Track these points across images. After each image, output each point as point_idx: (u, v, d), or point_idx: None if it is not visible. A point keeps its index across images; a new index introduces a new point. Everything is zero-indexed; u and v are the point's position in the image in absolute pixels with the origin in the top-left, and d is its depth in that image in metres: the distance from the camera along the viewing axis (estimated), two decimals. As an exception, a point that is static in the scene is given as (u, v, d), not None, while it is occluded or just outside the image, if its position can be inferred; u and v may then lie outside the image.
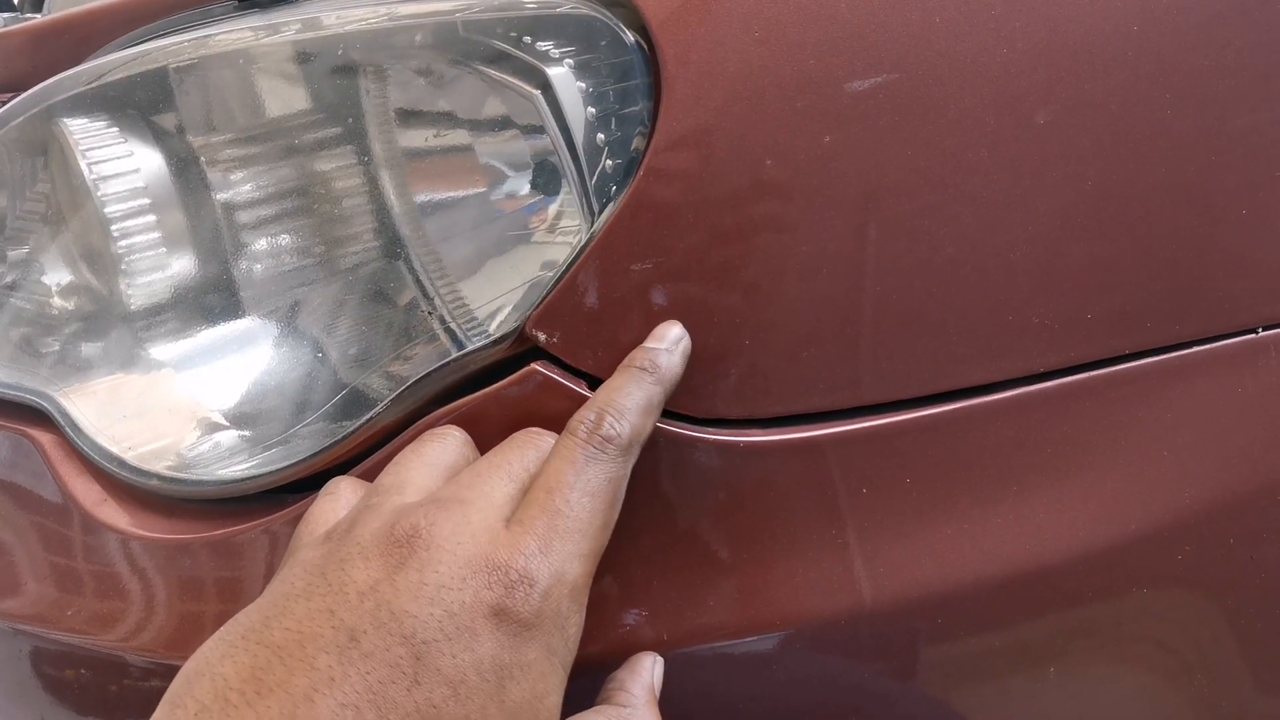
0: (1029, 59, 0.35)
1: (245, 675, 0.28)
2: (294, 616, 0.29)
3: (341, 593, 0.29)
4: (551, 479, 0.32)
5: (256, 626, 0.29)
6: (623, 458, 0.33)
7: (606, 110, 0.37)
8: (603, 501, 0.32)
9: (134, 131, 0.48)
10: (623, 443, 0.33)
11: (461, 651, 0.28)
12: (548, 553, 0.30)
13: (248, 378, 0.46)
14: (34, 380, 0.49)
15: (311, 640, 0.28)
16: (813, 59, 0.35)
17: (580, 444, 0.33)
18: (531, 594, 0.30)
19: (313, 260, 0.48)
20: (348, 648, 0.28)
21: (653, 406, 0.35)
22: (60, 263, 0.51)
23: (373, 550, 0.30)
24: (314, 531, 0.33)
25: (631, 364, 0.35)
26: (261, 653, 0.28)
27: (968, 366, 0.37)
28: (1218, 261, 0.38)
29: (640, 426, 0.34)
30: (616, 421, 0.33)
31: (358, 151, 0.46)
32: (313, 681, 0.27)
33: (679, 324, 0.36)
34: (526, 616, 0.29)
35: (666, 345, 0.36)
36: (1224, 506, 0.40)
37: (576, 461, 0.33)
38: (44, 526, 0.45)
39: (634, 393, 0.34)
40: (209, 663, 0.29)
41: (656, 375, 0.35)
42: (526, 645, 0.29)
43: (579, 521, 0.32)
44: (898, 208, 0.35)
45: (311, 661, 0.28)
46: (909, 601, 0.38)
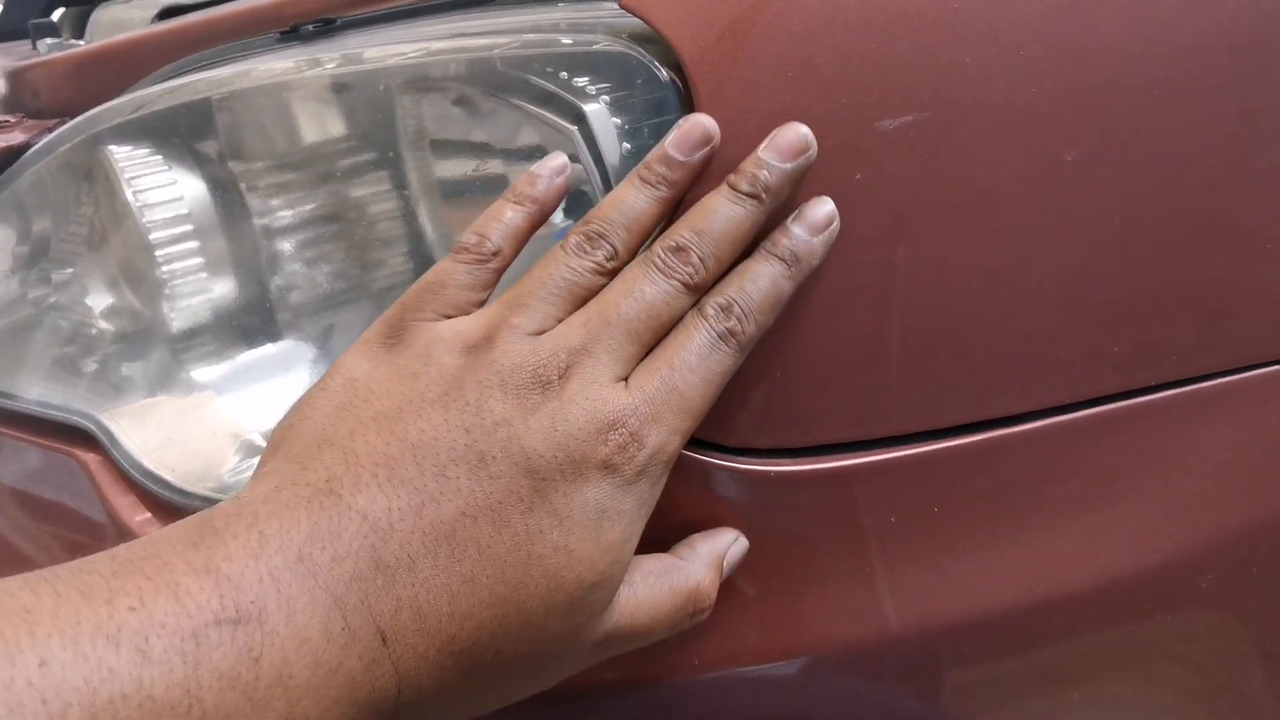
0: (1056, 98, 0.36)
1: (378, 459, 0.31)
2: (430, 421, 0.31)
3: (478, 416, 0.32)
4: (677, 356, 0.34)
5: (389, 414, 0.32)
6: (741, 354, 0.35)
7: (641, 146, 0.38)
8: (713, 389, 0.34)
9: (177, 159, 0.49)
10: (745, 340, 0.35)
11: (574, 491, 0.31)
12: (658, 421, 0.33)
13: (285, 401, 0.47)
14: (76, 400, 0.50)
15: (446, 449, 0.31)
16: (844, 98, 0.35)
17: (708, 329, 0.34)
18: (638, 455, 0.32)
19: (348, 284, 0.49)
20: (477, 466, 0.31)
21: (782, 303, 0.35)
22: (103, 285, 0.52)
23: (510, 384, 0.32)
24: (454, 330, 0.34)
25: (774, 249, 0.35)
26: (395, 443, 0.31)
27: (995, 398, 0.38)
28: (1242, 295, 0.39)
29: (765, 325, 0.35)
30: (745, 319, 0.34)
31: (394, 179, 0.47)
32: (442, 487, 0.30)
33: (830, 202, 0.36)
34: (630, 473, 0.32)
35: (814, 233, 0.35)
36: (1248, 535, 0.40)
37: (702, 347, 0.34)
38: (88, 546, 0.46)
39: (768, 288, 0.35)
40: (336, 432, 0.32)
41: (796, 269, 0.35)
42: (625, 496, 0.32)
43: (690, 402, 0.34)
44: (927, 243, 0.36)
45: (443, 469, 0.31)
46: (935, 628, 0.38)
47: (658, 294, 0.34)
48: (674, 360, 0.34)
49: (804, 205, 0.36)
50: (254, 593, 0.26)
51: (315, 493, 0.29)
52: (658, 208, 0.36)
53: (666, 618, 0.35)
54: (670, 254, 0.34)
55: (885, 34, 0.36)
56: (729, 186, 0.35)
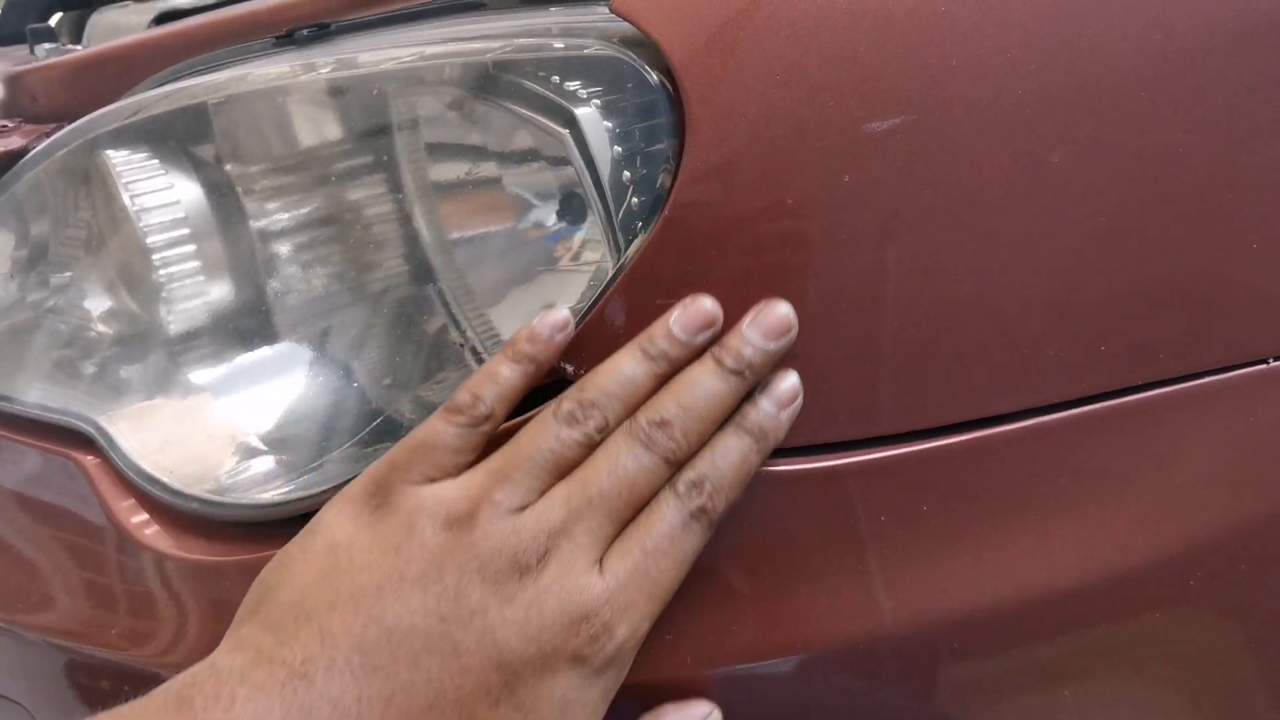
0: (1043, 100, 0.36)
1: (354, 643, 0.31)
2: (408, 605, 0.32)
3: (455, 603, 0.32)
4: (649, 540, 0.35)
5: (369, 592, 0.32)
6: (710, 530, 0.36)
7: (632, 148, 0.38)
8: (683, 570, 0.35)
9: (174, 163, 0.49)
10: (715, 517, 0.35)
11: (541, 684, 0.32)
12: (631, 609, 0.34)
13: (283, 403, 0.48)
14: (75, 403, 0.50)
15: (421, 637, 0.32)
16: (832, 100, 0.36)
17: (679, 508, 0.35)
18: (608, 645, 0.33)
19: (345, 287, 0.50)
20: (450, 657, 0.32)
21: (750, 475, 0.36)
22: (100, 288, 0.52)
23: (489, 570, 0.33)
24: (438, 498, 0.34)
25: (744, 423, 0.36)
26: (372, 626, 0.32)
27: (985, 397, 0.38)
28: (1230, 294, 0.39)
29: (734, 500, 0.36)
30: (715, 497, 0.35)
31: (389, 182, 0.47)
32: (413, 677, 0.31)
33: (795, 375, 0.37)
34: (598, 664, 0.33)
35: (781, 409, 0.36)
36: (1237, 533, 0.40)
37: (674, 528, 0.35)
38: (87, 547, 0.46)
39: (737, 463, 0.36)
40: (315, 606, 0.32)
41: (762, 444, 0.36)
42: (591, 686, 0.33)
43: (661, 587, 0.34)
44: (916, 244, 0.36)
45: (417, 659, 0.31)
46: (928, 625, 0.39)
47: (639, 469, 0.35)
48: (646, 544, 0.34)
49: (771, 379, 0.37)
50: None
51: (290, 675, 0.30)
52: (653, 383, 0.36)
53: None
54: (655, 428, 0.35)
55: (873, 37, 0.36)
56: (715, 361, 0.36)
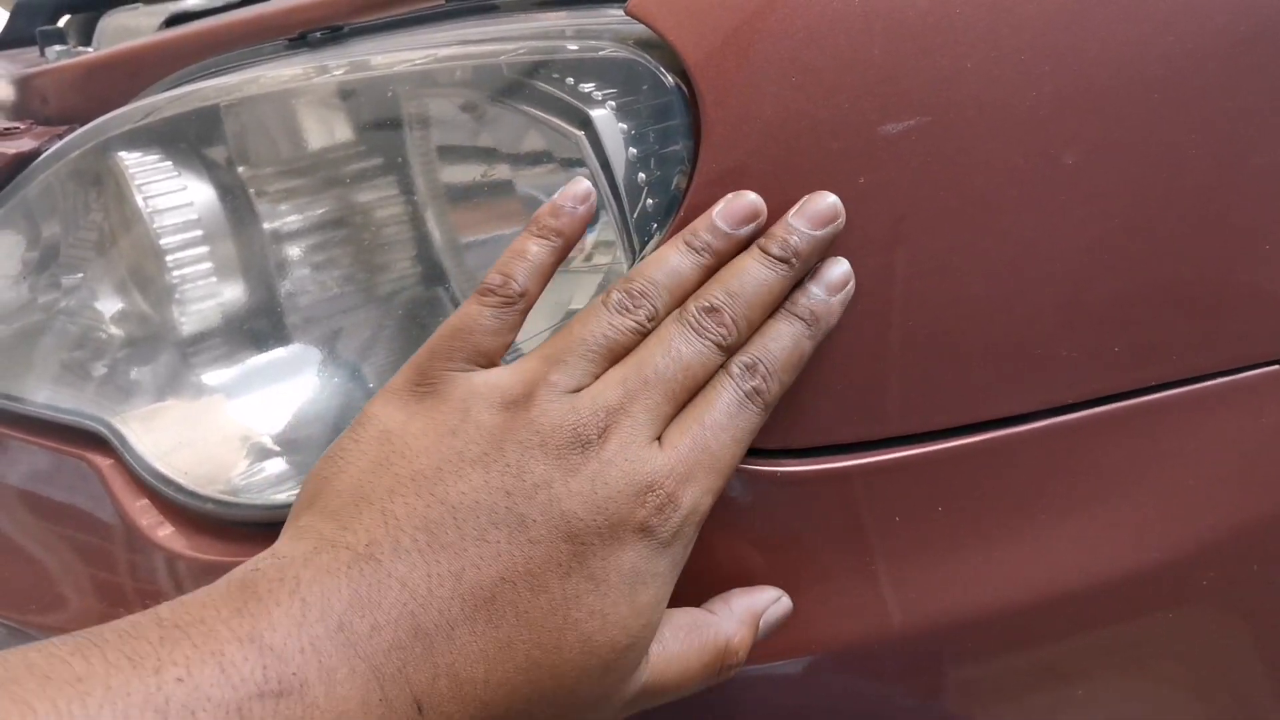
0: (1056, 102, 0.36)
1: (418, 523, 0.31)
2: (470, 482, 0.32)
3: (519, 478, 0.32)
4: (708, 415, 0.35)
5: (428, 474, 0.32)
6: (766, 411, 0.36)
7: (647, 150, 0.39)
8: (742, 446, 0.35)
9: (186, 165, 0.49)
10: (770, 398, 0.36)
11: (610, 555, 0.32)
12: (692, 482, 0.34)
13: (295, 404, 0.48)
14: (86, 404, 0.51)
15: (486, 512, 0.31)
16: (847, 102, 0.36)
17: (735, 388, 0.35)
18: (673, 517, 0.33)
19: (356, 288, 0.50)
20: (517, 530, 0.31)
21: (803, 361, 0.36)
22: (112, 289, 0.53)
23: (551, 445, 0.33)
24: (490, 384, 0.34)
25: (794, 309, 0.36)
26: (435, 505, 0.31)
27: (997, 398, 0.38)
28: (1240, 295, 0.39)
29: (788, 383, 0.36)
30: (769, 379, 0.35)
31: (401, 184, 0.48)
32: (482, 552, 0.31)
33: (845, 263, 0.37)
34: (665, 536, 0.33)
35: (832, 293, 0.36)
36: (1246, 533, 0.41)
37: (731, 406, 0.35)
38: (101, 548, 0.47)
39: (790, 347, 0.36)
40: (374, 491, 0.32)
41: (815, 329, 0.36)
42: (659, 558, 0.33)
43: (720, 461, 0.34)
44: (929, 245, 0.36)
45: (484, 534, 0.31)
46: (937, 625, 0.39)
47: (693, 353, 0.35)
48: (705, 419, 0.35)
49: (820, 265, 0.37)
50: (296, 663, 0.27)
51: (355, 558, 0.30)
52: (699, 274, 0.36)
53: (697, 674, 0.36)
54: (705, 314, 0.35)
55: (888, 39, 0.36)
56: (761, 250, 0.36)
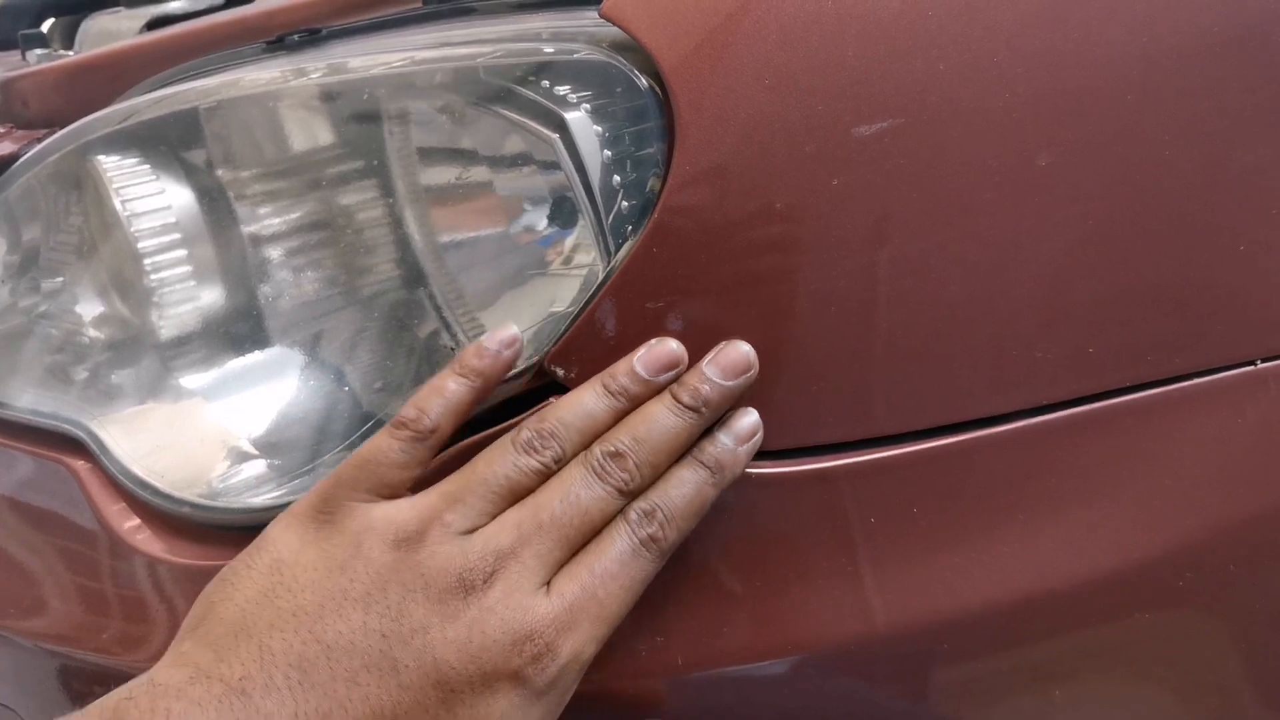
0: (1030, 103, 0.36)
1: (293, 660, 0.31)
2: (349, 622, 0.32)
3: (397, 620, 0.32)
4: (599, 563, 0.35)
5: (310, 611, 0.32)
6: (661, 559, 0.36)
7: (622, 153, 0.38)
8: (632, 595, 0.35)
9: (165, 168, 0.49)
10: (666, 546, 0.36)
11: (480, 704, 0.32)
12: (575, 631, 0.34)
13: (275, 407, 0.48)
14: (66, 408, 0.50)
15: (360, 654, 0.32)
16: (821, 105, 0.36)
17: (630, 535, 0.35)
18: (550, 666, 0.33)
19: (336, 291, 0.50)
20: (388, 674, 0.32)
21: (705, 508, 0.36)
22: (92, 293, 0.52)
23: (434, 589, 0.33)
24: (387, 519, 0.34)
25: (701, 456, 0.36)
26: (312, 644, 0.32)
27: (974, 399, 0.38)
28: (1217, 296, 0.39)
29: (686, 531, 0.36)
30: (666, 526, 0.35)
31: (381, 187, 0.48)
32: (350, 694, 0.31)
33: (755, 413, 0.37)
34: (540, 685, 0.33)
35: (739, 444, 0.37)
36: (1226, 533, 0.40)
37: (624, 554, 0.35)
38: (79, 552, 0.46)
39: (691, 494, 0.36)
40: (255, 624, 0.32)
41: (719, 477, 0.36)
42: (532, 707, 0.33)
43: (608, 610, 0.34)
44: (905, 247, 0.36)
45: (355, 676, 0.31)
46: (919, 626, 0.39)
47: (591, 498, 0.35)
48: (595, 567, 0.35)
49: (730, 415, 0.37)
50: None
51: (227, 691, 0.30)
52: (611, 417, 0.37)
53: None
54: (608, 459, 0.35)
55: (861, 41, 0.36)
56: (672, 398, 0.36)
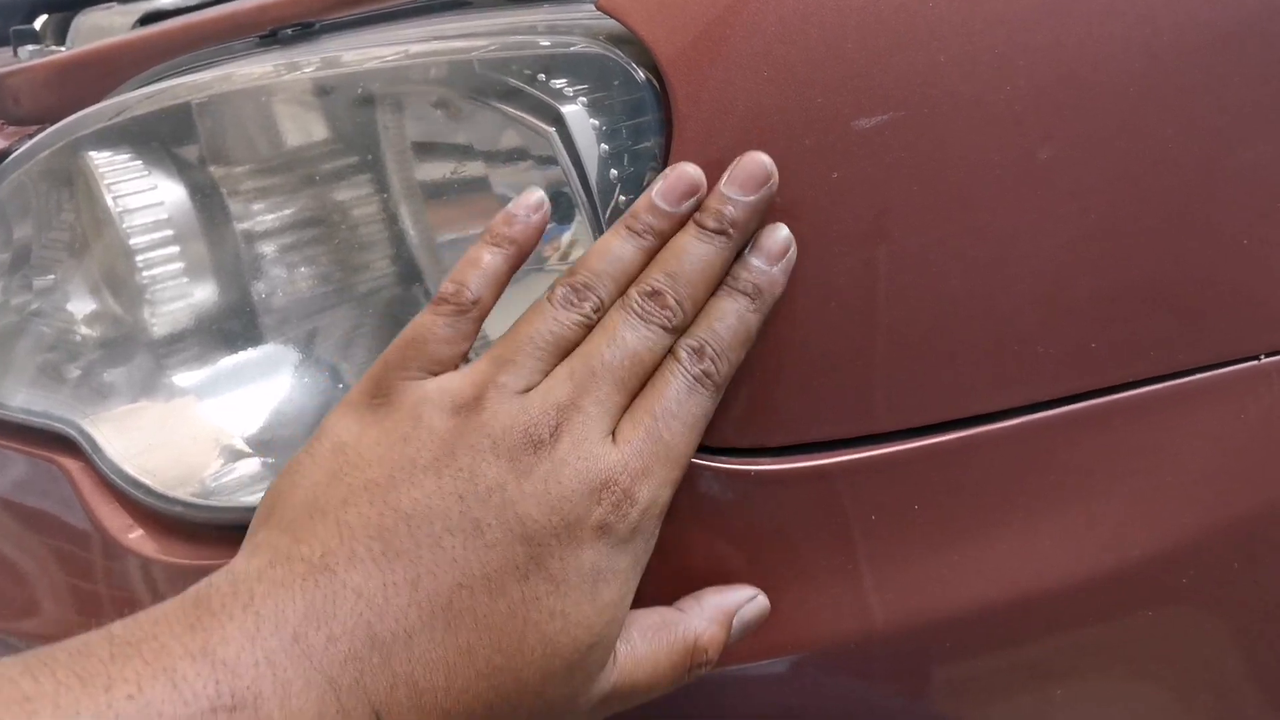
0: (1031, 97, 0.36)
1: (372, 532, 0.30)
2: (423, 489, 0.31)
3: (471, 481, 0.32)
4: (658, 404, 0.34)
5: (381, 483, 0.32)
6: (718, 393, 0.35)
7: (619, 147, 0.38)
8: (696, 433, 0.35)
9: (157, 164, 0.49)
10: (720, 379, 0.35)
11: (569, 555, 0.32)
12: (649, 476, 0.33)
13: (269, 404, 0.48)
14: (59, 407, 0.50)
15: (440, 518, 0.31)
16: (820, 98, 0.36)
17: (683, 373, 0.35)
18: (631, 512, 0.33)
19: (331, 287, 0.49)
20: (472, 535, 0.31)
21: (751, 336, 0.36)
22: (84, 291, 0.52)
23: (502, 448, 0.32)
24: (442, 390, 0.34)
25: (736, 284, 0.36)
26: (389, 514, 0.31)
27: (974, 395, 0.38)
28: (1219, 291, 0.39)
29: (737, 361, 0.36)
30: (717, 360, 0.35)
31: (375, 182, 0.47)
32: (437, 558, 0.30)
33: (784, 228, 0.36)
34: (624, 532, 0.33)
35: (773, 263, 0.36)
36: (1227, 530, 0.40)
37: (681, 392, 0.34)
38: (71, 552, 0.46)
39: (735, 324, 0.35)
40: (328, 502, 0.32)
41: (760, 301, 0.35)
42: (619, 555, 0.33)
43: (676, 450, 0.34)
44: (904, 241, 0.36)
45: (439, 540, 0.31)
46: (918, 624, 0.38)
47: (639, 340, 0.34)
48: (656, 409, 0.34)
49: (759, 235, 0.36)
50: (250, 677, 0.26)
51: (310, 569, 0.29)
52: (643, 257, 0.36)
53: (666, 673, 0.35)
54: (647, 299, 0.35)
55: (861, 33, 0.36)
56: (697, 225, 0.35)
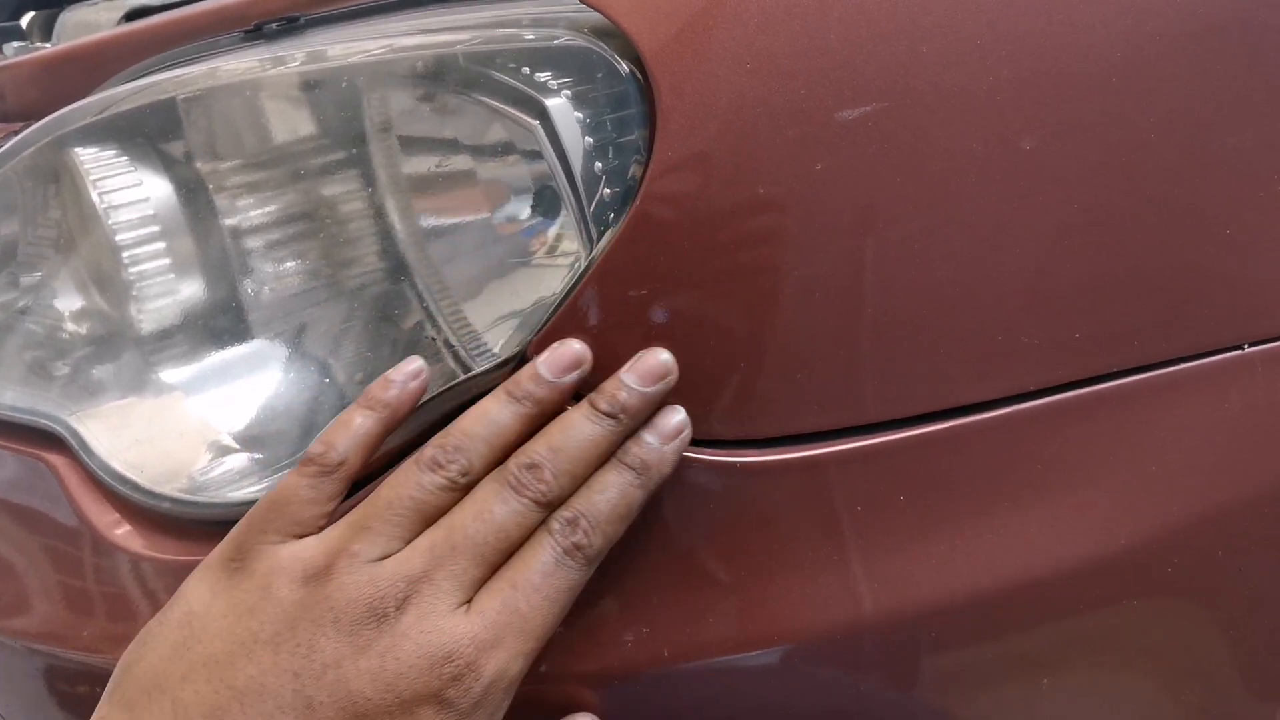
0: (1013, 86, 0.36)
1: (206, 710, 0.31)
2: (259, 665, 0.31)
3: (308, 658, 0.31)
4: (521, 576, 0.34)
5: (220, 659, 0.32)
6: (588, 567, 0.35)
7: (604, 139, 0.38)
8: (559, 608, 0.34)
9: (143, 160, 0.49)
10: (592, 554, 0.35)
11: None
12: (498, 648, 0.33)
13: (257, 400, 0.47)
14: (46, 404, 0.50)
15: (273, 696, 0.31)
16: (804, 89, 0.36)
17: (553, 545, 0.34)
18: (474, 686, 0.32)
19: (319, 283, 0.49)
20: (303, 713, 0.31)
21: (632, 512, 0.36)
22: (71, 288, 0.52)
23: (344, 621, 0.32)
24: (295, 557, 0.34)
25: (625, 458, 0.36)
26: (224, 691, 0.31)
27: (960, 386, 0.38)
28: (1203, 280, 0.39)
29: (614, 536, 0.35)
30: (591, 532, 0.34)
31: (362, 177, 0.47)
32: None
33: (682, 411, 0.36)
34: (465, 706, 0.32)
35: (665, 442, 0.36)
36: (1212, 519, 0.40)
37: (547, 565, 0.34)
38: (59, 549, 0.46)
39: (616, 499, 0.35)
40: (168, 678, 0.32)
41: (646, 478, 0.36)
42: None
43: (533, 623, 0.33)
44: (889, 232, 0.36)
45: (271, 717, 0.31)
46: (905, 615, 0.39)
47: (508, 513, 0.34)
48: (517, 580, 0.34)
49: (657, 414, 0.36)
50: None
51: None
52: (521, 424, 0.36)
53: None
54: (525, 471, 0.35)
55: (844, 24, 0.36)
56: (589, 405, 0.36)
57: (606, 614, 0.38)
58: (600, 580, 0.37)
